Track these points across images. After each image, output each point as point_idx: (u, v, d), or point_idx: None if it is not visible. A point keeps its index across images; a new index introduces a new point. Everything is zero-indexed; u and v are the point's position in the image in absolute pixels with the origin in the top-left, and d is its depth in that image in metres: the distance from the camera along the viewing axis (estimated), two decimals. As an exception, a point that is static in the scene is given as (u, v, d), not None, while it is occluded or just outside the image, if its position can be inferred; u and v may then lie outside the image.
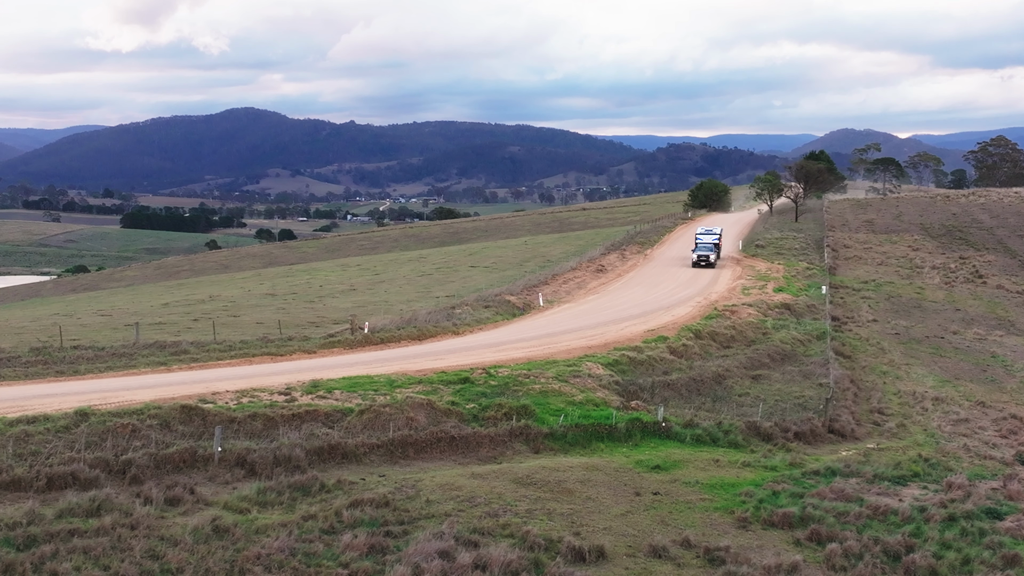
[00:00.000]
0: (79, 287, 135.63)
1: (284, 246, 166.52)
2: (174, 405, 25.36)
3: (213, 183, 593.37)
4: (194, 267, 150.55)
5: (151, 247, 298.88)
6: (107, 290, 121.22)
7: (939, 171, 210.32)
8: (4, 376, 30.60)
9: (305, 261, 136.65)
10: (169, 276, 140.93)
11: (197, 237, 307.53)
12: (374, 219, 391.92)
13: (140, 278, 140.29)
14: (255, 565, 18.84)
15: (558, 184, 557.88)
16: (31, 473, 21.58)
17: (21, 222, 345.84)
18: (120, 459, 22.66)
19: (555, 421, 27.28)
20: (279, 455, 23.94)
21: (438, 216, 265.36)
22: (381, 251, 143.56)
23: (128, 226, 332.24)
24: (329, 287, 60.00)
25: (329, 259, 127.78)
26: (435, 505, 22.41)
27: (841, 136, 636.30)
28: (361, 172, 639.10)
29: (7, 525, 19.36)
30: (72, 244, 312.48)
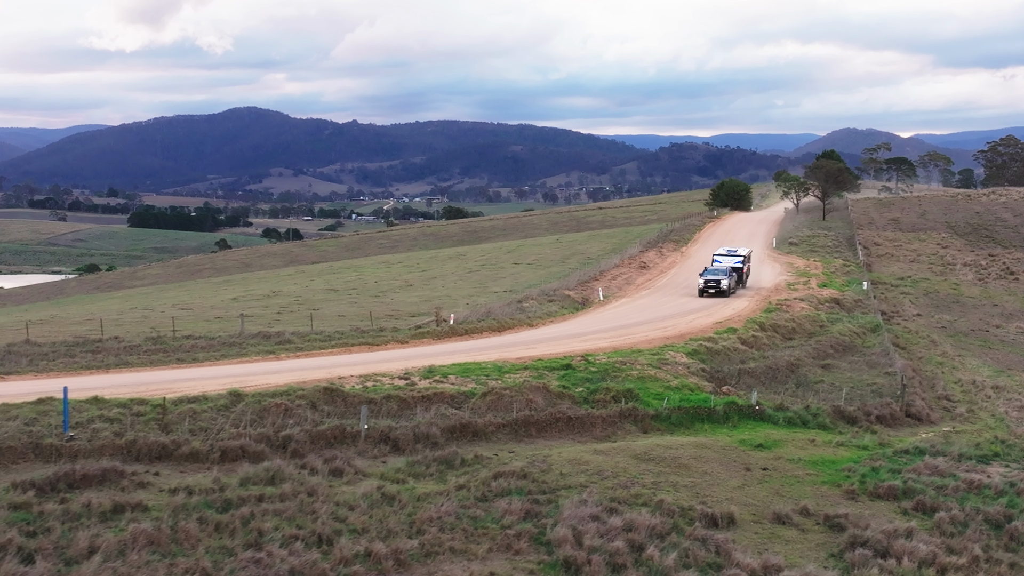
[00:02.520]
0: (103, 285, 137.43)
1: (303, 245, 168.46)
2: (317, 387, 27.39)
3: (216, 182, 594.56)
4: (215, 265, 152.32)
5: (159, 246, 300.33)
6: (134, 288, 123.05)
7: (946, 171, 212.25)
8: (131, 363, 32.62)
9: (326, 260, 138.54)
10: (192, 274, 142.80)
11: (204, 236, 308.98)
12: (379, 218, 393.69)
13: (163, 276, 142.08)
14: (430, 526, 20.84)
15: (561, 184, 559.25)
16: (206, 446, 23.57)
17: (29, 221, 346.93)
18: (280, 435, 24.68)
19: (658, 404, 29.30)
20: (418, 432, 25.96)
21: (447, 215, 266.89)
22: (401, 250, 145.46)
23: (135, 225, 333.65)
24: (385, 283, 61.98)
25: (349, 258, 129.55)
26: (568, 477, 24.40)
27: (843, 136, 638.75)
28: (364, 171, 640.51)
29: (202, 491, 21.36)
30: (81, 243, 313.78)
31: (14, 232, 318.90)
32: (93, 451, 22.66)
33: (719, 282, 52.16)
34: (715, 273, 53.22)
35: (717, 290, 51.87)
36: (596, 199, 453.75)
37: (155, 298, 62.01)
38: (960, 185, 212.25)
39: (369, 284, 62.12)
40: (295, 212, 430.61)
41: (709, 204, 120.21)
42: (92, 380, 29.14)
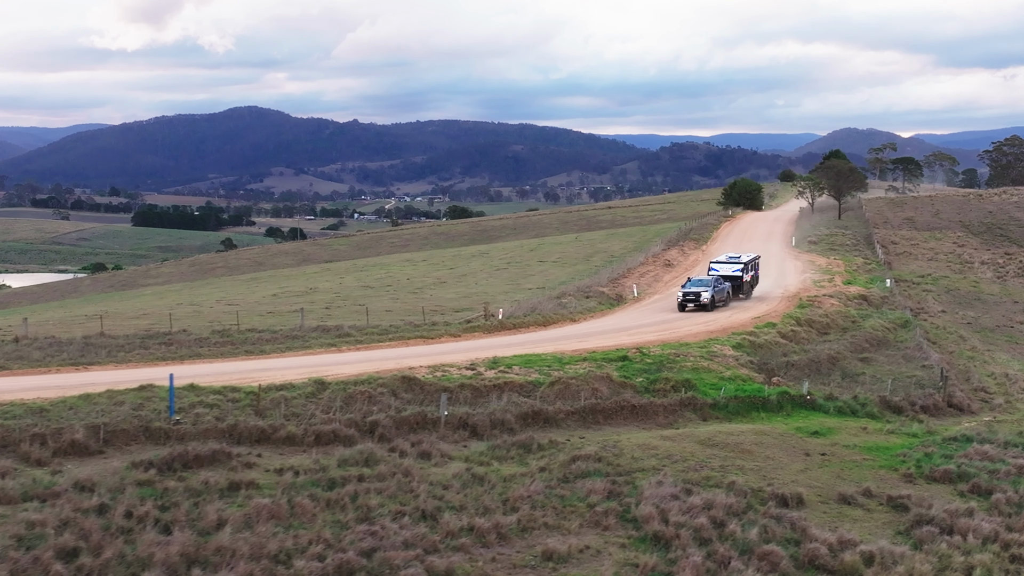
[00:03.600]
0: (117, 284, 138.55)
1: (314, 244, 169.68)
2: (395, 376, 28.77)
3: (217, 181, 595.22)
4: (228, 264, 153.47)
5: (163, 245, 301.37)
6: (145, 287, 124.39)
7: (950, 171, 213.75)
8: (202, 355, 33.98)
9: (338, 258, 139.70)
10: (205, 273, 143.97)
11: (208, 235, 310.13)
12: (381, 217, 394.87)
13: (176, 275, 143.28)
14: (523, 504, 22.22)
15: (562, 183, 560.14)
16: (300, 430, 24.92)
17: (33, 220, 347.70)
18: (367, 420, 26.05)
19: (715, 394, 30.70)
20: (494, 419, 27.34)
21: (452, 215, 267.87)
22: (412, 248, 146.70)
23: (139, 224, 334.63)
24: (417, 280, 63.33)
25: (361, 257, 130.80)
26: (640, 461, 25.77)
27: (844, 135, 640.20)
28: (365, 171, 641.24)
29: (306, 471, 22.73)
30: (85, 242, 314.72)
31: (18, 231, 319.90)
32: (198, 434, 24.00)
33: (699, 295, 46.81)
34: (698, 284, 48.11)
35: (698, 304, 46.58)
36: (597, 199, 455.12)
37: (194, 295, 63.32)
38: (964, 185, 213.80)
39: (402, 281, 63.46)
40: (297, 211, 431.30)
41: (721, 203, 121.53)
42: (176, 370, 30.42)
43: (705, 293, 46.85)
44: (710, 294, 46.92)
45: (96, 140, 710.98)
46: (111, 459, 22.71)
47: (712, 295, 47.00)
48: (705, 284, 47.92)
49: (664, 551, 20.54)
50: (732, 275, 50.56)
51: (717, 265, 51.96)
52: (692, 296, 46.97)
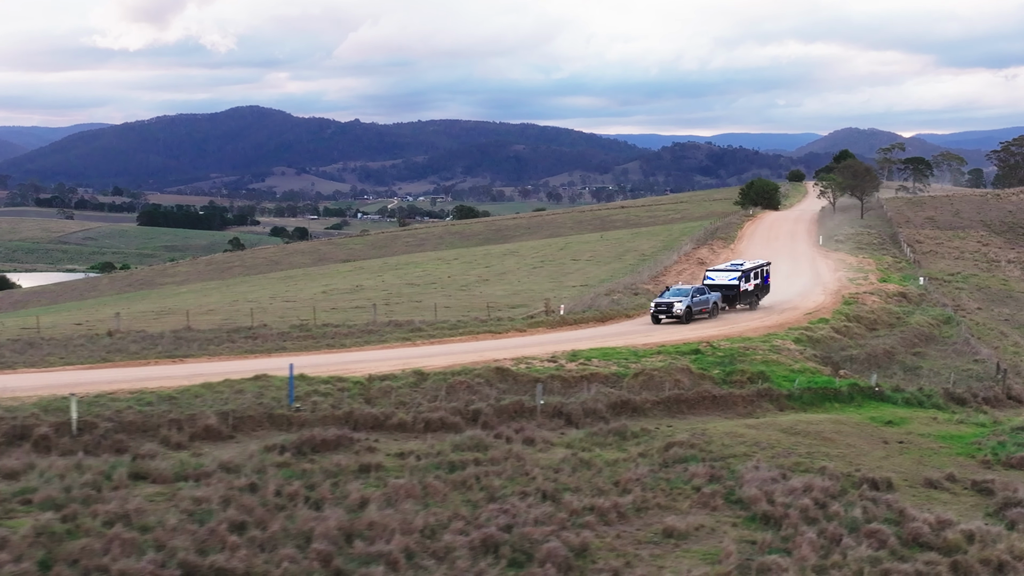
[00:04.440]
0: (135, 283, 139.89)
1: (330, 243, 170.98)
2: (489, 367, 30.06)
3: (219, 181, 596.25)
4: (244, 263, 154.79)
5: (169, 244, 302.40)
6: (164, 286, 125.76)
7: (957, 171, 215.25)
8: (287, 348, 35.24)
9: (354, 257, 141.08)
10: (222, 272, 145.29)
11: (214, 235, 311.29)
12: (384, 217, 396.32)
13: (193, 274, 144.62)
14: (634, 486, 23.48)
15: (563, 183, 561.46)
16: (410, 418, 26.20)
17: (39, 220, 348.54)
18: (470, 408, 27.33)
19: (788, 385, 32.00)
20: (586, 408, 28.64)
21: (459, 215, 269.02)
22: (428, 248, 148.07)
23: (144, 224, 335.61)
24: (459, 278, 64.63)
25: (377, 256, 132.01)
26: (730, 448, 27.04)
27: (845, 135, 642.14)
28: (366, 170, 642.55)
29: (424, 455, 24.00)
30: (91, 241, 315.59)
31: (25, 231, 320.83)
32: (317, 421, 25.26)
33: (671, 306, 43.29)
34: (676, 294, 44.71)
35: (670, 316, 43.19)
36: (600, 198, 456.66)
37: (235, 293, 64.57)
38: (969, 185, 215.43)
39: (443, 279, 64.76)
40: (301, 211, 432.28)
41: (739, 203, 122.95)
42: (271, 362, 31.71)
43: (679, 304, 43.34)
44: (685, 305, 43.40)
45: (98, 140, 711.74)
46: (242, 443, 23.96)
47: (688, 306, 43.58)
48: (683, 294, 44.64)
49: (776, 529, 21.79)
50: (728, 284, 47.58)
51: (713, 273, 49.19)
52: (664, 307, 43.49)
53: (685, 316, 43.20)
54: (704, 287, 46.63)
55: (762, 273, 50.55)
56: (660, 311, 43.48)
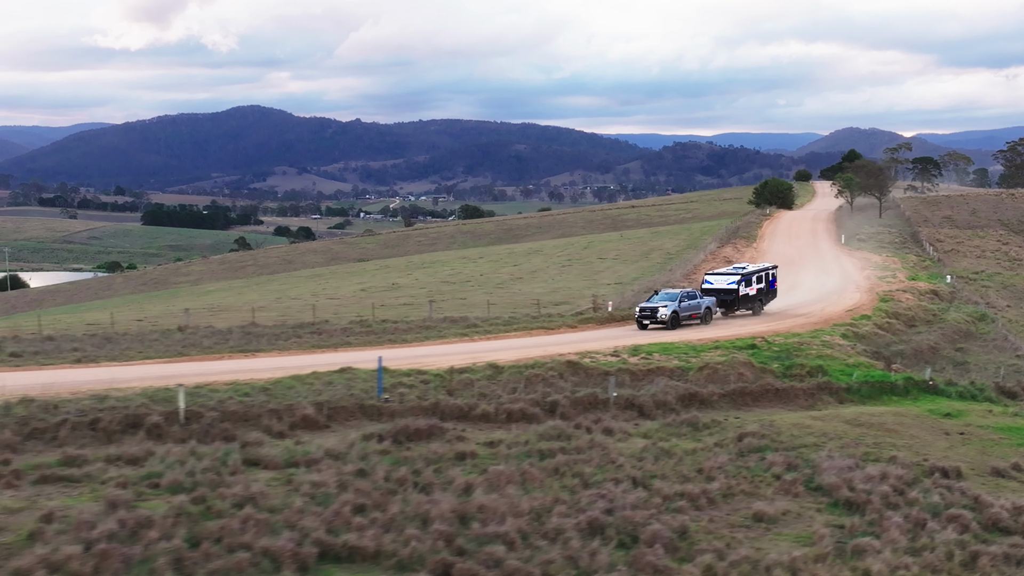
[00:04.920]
0: (149, 282, 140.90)
1: (342, 242, 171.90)
2: (560, 360, 30.99)
3: (220, 180, 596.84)
4: (257, 262, 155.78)
5: (174, 243, 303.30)
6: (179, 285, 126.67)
7: (962, 170, 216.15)
8: (351, 343, 36.18)
9: (367, 257, 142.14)
10: (236, 271, 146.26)
11: (218, 234, 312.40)
12: (387, 217, 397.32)
13: (207, 273, 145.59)
14: (717, 473, 24.38)
15: (565, 182, 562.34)
16: (492, 408, 27.13)
17: (43, 219, 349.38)
18: (547, 400, 28.25)
19: (846, 379, 32.97)
20: (657, 400, 29.57)
21: (465, 214, 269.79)
22: (440, 247, 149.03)
23: (148, 223, 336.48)
24: (492, 276, 65.55)
25: (390, 256, 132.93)
26: (799, 439, 27.96)
27: (846, 135, 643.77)
28: (367, 170, 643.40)
29: (511, 444, 24.88)
30: (96, 241, 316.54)
31: (30, 230, 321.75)
32: (405, 411, 26.18)
33: (655, 311, 41.28)
34: (663, 298, 42.79)
35: (655, 321, 41.11)
36: (601, 198, 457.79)
37: (270, 291, 65.49)
38: (975, 184, 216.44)
39: (476, 277, 65.69)
40: (303, 211, 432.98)
41: (752, 202, 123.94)
42: (341, 357, 32.64)
43: (664, 309, 41.23)
44: (670, 310, 41.27)
45: (99, 139, 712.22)
46: (338, 432, 24.88)
47: (675, 311, 41.49)
48: (670, 298, 42.55)
49: (860, 515, 22.71)
50: (725, 288, 45.84)
51: (712, 277, 47.58)
52: (648, 312, 41.48)
53: (671, 322, 40.96)
54: (695, 291, 44.75)
55: (767, 277, 48.62)
56: (644, 316, 41.39)
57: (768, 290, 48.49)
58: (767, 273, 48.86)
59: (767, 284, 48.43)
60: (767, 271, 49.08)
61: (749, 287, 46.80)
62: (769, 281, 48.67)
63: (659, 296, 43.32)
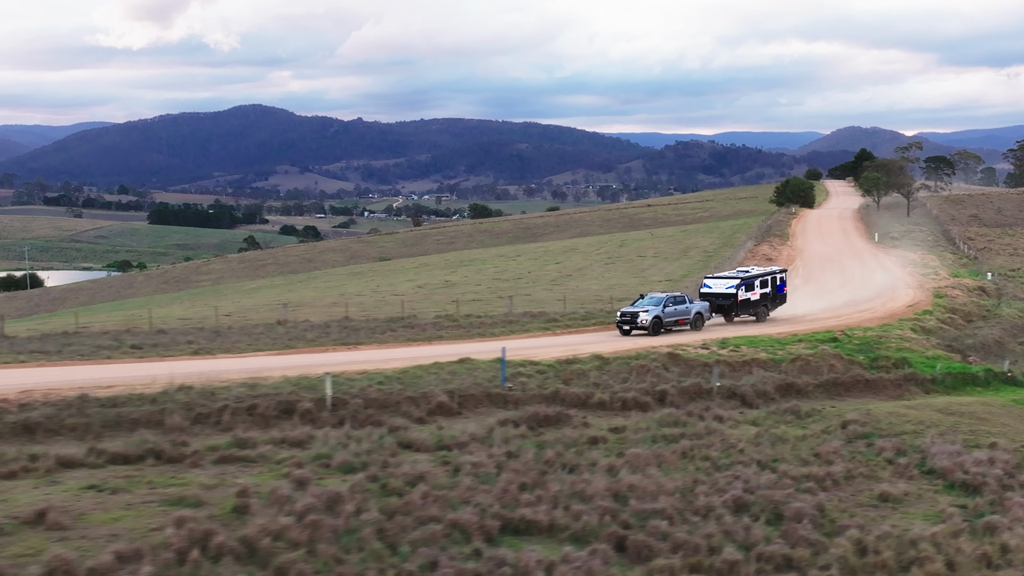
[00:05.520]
0: (171, 280, 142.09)
1: (360, 241, 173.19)
2: (661, 352, 32.26)
3: (222, 180, 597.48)
4: (277, 261, 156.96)
5: (181, 243, 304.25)
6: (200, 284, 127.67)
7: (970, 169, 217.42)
8: (443, 336, 37.44)
9: (387, 255, 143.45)
10: (256, 269, 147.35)
11: (224, 233, 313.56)
12: (391, 216, 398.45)
13: (228, 272, 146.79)
14: (835, 457, 25.64)
15: (567, 181, 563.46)
16: (607, 397, 28.39)
17: (50, 218, 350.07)
18: (656, 389, 29.52)
19: (929, 370, 34.27)
20: (757, 389, 30.84)
21: (474, 214, 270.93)
22: (458, 246, 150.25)
23: (154, 222, 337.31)
24: (540, 274, 66.83)
25: (410, 255, 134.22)
26: (897, 426, 29.22)
27: (848, 134, 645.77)
28: (369, 169, 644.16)
29: (633, 430, 26.12)
30: (103, 240, 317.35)
31: (37, 229, 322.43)
32: (528, 399, 27.45)
33: (635, 316, 39.42)
34: (647, 303, 40.92)
35: (635, 326, 39.23)
36: (604, 197, 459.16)
37: (335, 287, 66.68)
38: (982, 183, 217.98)
39: (523, 274, 66.97)
40: (307, 210, 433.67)
41: (774, 201, 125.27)
42: (442, 349, 33.89)
43: (645, 314, 39.29)
44: (651, 316, 39.25)
45: (101, 138, 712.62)
46: (470, 418, 26.14)
47: (657, 316, 39.44)
48: (654, 303, 40.54)
49: (979, 496, 23.99)
50: (723, 293, 43.81)
51: (710, 281, 45.70)
52: (628, 317, 39.62)
53: (652, 328, 38.86)
54: (685, 296, 42.95)
55: (773, 281, 46.14)
56: (625, 322, 39.50)
57: (775, 295, 46.18)
58: (774, 277, 46.49)
59: (773, 289, 46.05)
60: (774, 275, 46.73)
61: (751, 292, 44.58)
62: (777, 286, 46.35)
63: (644, 300, 41.42)
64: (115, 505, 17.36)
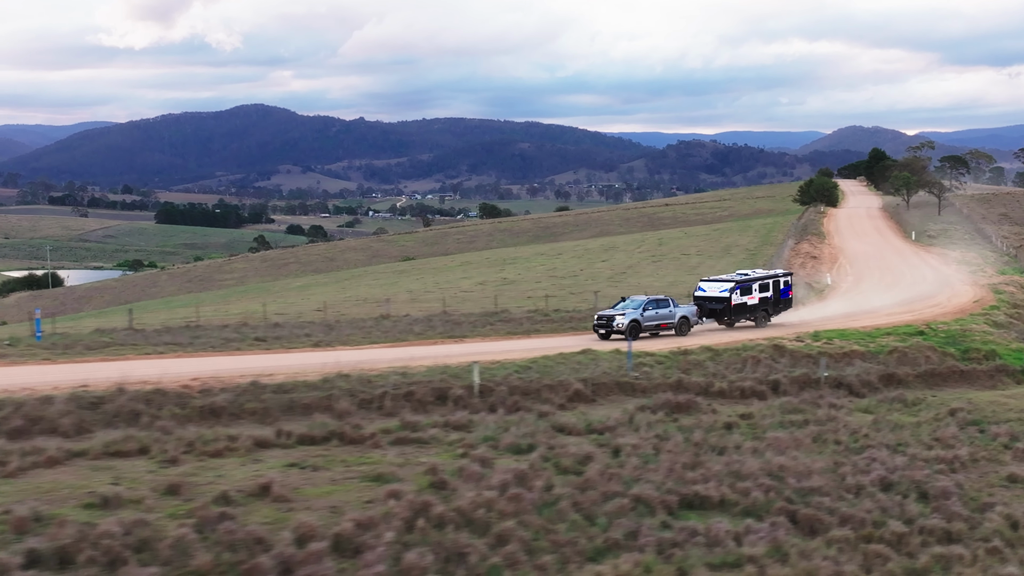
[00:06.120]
0: (196, 279, 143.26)
1: (380, 240, 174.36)
2: (768, 344, 33.53)
3: (225, 179, 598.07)
4: (300, 260, 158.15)
5: (189, 242, 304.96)
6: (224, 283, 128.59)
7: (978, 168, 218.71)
8: (540, 330, 38.73)
9: (407, 254, 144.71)
10: (279, 269, 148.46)
11: (231, 232, 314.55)
12: (395, 215, 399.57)
13: (251, 271, 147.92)
14: (955, 442, 26.89)
15: (569, 181, 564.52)
16: (726, 385, 29.65)
17: (58, 218, 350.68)
18: (769, 379, 30.80)
19: (1018, 362, 35.56)
20: (862, 379, 32.14)
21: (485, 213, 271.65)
22: (479, 245, 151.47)
23: (161, 222, 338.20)
24: (592, 271, 68.04)
25: (431, 254, 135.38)
26: (1001, 414, 30.46)
27: (850, 133, 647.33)
28: (371, 168, 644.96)
29: (758, 416, 27.28)
30: (112, 239, 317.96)
31: (45, 228, 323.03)
32: (654, 387, 28.73)
33: (611, 320, 38.07)
34: (628, 306, 39.55)
35: (610, 330, 37.77)
36: (608, 197, 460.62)
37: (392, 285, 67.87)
38: (991, 182, 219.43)
39: (575, 271, 68.20)
40: (312, 209, 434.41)
41: (798, 200, 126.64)
42: (542, 342, 35.16)
43: (621, 318, 37.92)
44: (628, 319, 37.85)
45: (103, 138, 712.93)
46: (604, 405, 27.40)
47: (635, 320, 38.08)
48: (633, 306, 39.23)
49: (1103, 477, 25.25)
50: (717, 296, 42.04)
51: (705, 284, 43.90)
52: (604, 321, 38.23)
53: (628, 332, 37.00)
54: (669, 299, 41.21)
55: (776, 286, 44.08)
56: (601, 325, 38.18)
57: (778, 300, 44.02)
58: (776, 281, 44.35)
59: (776, 293, 43.88)
60: (776, 279, 44.62)
61: (747, 296, 42.45)
62: (780, 290, 44.20)
63: (624, 303, 40.02)
64: (321, 481, 18.60)
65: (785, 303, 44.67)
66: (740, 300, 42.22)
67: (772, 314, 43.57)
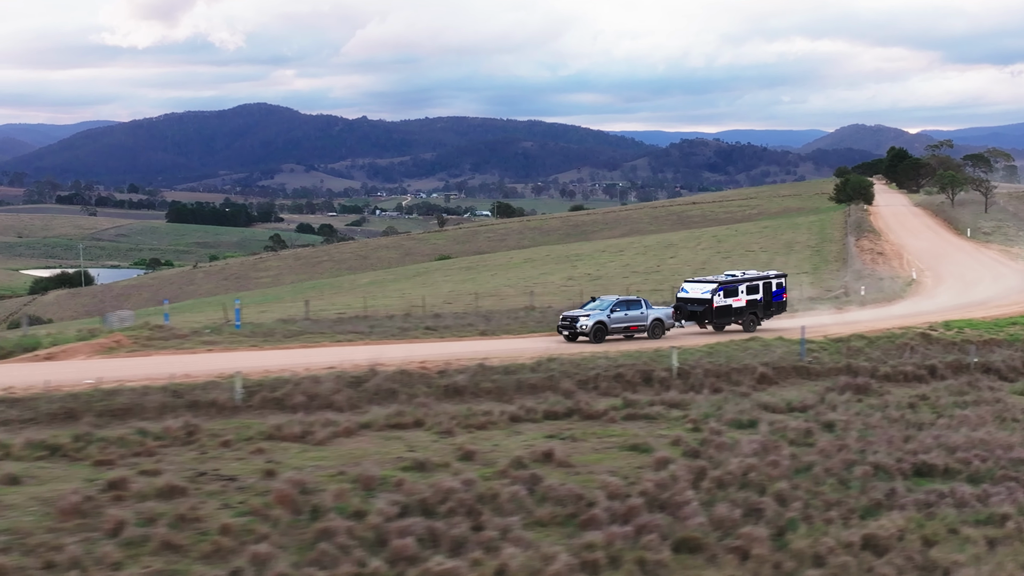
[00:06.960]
0: (231, 277, 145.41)
1: (411, 238, 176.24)
2: (914, 332, 35.38)
3: (228, 178, 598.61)
4: (333, 258, 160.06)
5: (201, 241, 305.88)
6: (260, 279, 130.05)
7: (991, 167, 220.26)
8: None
9: (439, 251, 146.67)
10: (313, 267, 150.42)
11: (243, 231, 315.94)
12: (402, 214, 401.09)
13: (285, 269, 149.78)
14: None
15: (573, 179, 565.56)
16: (890, 370, 31.28)
17: (68, 217, 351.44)
18: (926, 364, 32.51)
19: None
20: (1009, 365, 33.81)
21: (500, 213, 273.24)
22: (510, 243, 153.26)
23: (173, 221, 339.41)
24: (665, 268, 69.85)
25: (464, 254, 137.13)
26: None
27: (852, 132, 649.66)
28: (375, 167, 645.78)
29: (933, 396, 28.96)
30: (124, 238, 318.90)
31: (57, 227, 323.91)
32: (826, 371, 30.45)
33: (575, 321, 36.66)
34: (597, 306, 37.93)
35: (572, 332, 36.44)
36: (612, 195, 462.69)
37: (467, 280, 69.54)
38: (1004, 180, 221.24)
39: (650, 268, 70.01)
40: (319, 208, 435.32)
41: (833, 199, 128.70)
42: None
43: (585, 319, 36.53)
44: (593, 320, 36.48)
45: (106, 137, 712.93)
46: (787, 388, 29.07)
47: (600, 322, 36.65)
48: (600, 307, 37.63)
49: None
50: (698, 298, 40.37)
51: (689, 285, 42.03)
52: (567, 322, 36.91)
53: (593, 335, 36.10)
54: (642, 300, 39.63)
55: (767, 288, 42.13)
56: (565, 327, 36.82)
57: (769, 303, 42.13)
58: (768, 283, 42.36)
59: (767, 296, 42.01)
60: (768, 280, 42.55)
61: (732, 297, 40.71)
62: (772, 293, 42.32)
63: (592, 304, 38.50)
64: (585, 449, 20.25)
65: (778, 306, 42.68)
66: (724, 302, 40.37)
67: (763, 317, 41.71)
